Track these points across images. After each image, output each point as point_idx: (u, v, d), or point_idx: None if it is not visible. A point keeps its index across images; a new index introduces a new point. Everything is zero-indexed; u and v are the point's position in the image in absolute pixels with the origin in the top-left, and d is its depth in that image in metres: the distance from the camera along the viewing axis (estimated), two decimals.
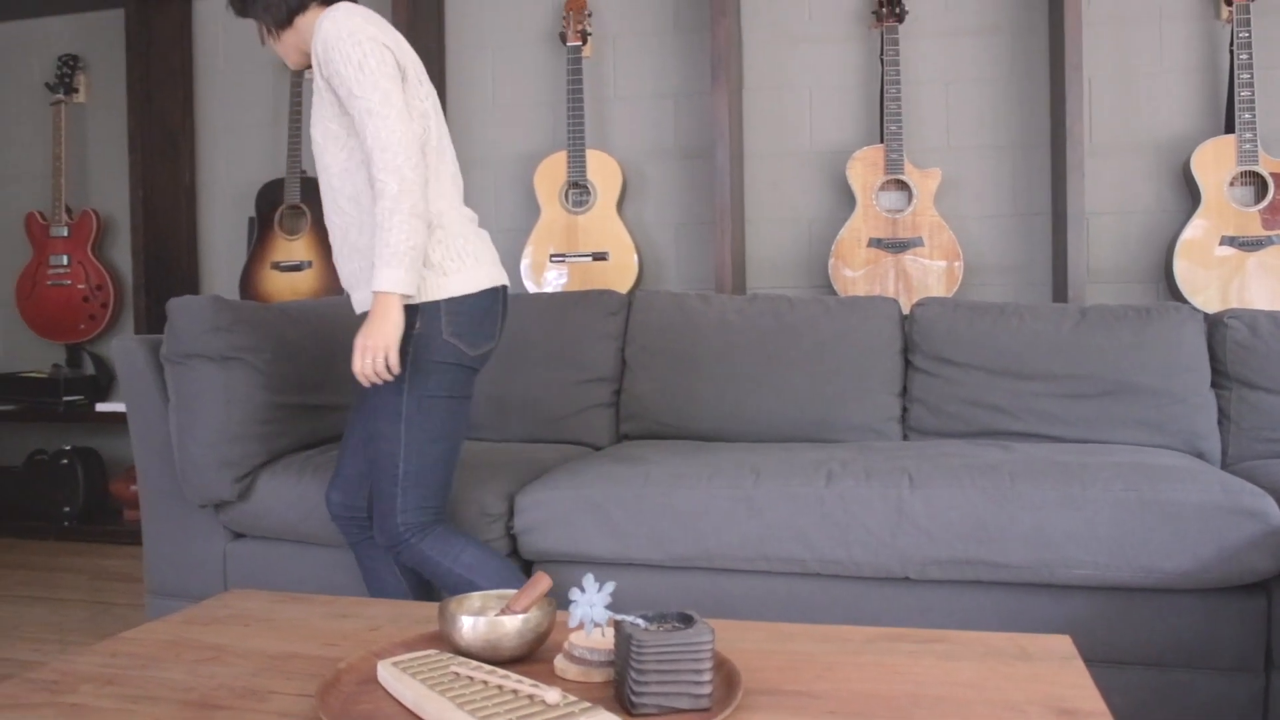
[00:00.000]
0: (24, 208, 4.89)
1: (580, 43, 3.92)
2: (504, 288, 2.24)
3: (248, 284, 4.20)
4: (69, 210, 4.70)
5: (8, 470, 4.69)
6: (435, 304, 2.13)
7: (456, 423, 2.22)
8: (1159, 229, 3.65)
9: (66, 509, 4.55)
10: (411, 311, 2.12)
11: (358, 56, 2.03)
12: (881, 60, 3.69)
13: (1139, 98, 3.65)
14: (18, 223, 4.90)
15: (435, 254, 2.14)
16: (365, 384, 2.09)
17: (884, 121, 3.66)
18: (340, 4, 2.12)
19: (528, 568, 2.56)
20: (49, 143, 4.85)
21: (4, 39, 4.96)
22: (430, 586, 2.40)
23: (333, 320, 3.05)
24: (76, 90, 4.76)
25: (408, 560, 2.22)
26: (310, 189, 4.19)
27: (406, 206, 2.00)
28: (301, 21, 2.20)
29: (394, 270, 2.01)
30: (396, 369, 2.07)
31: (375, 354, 2.03)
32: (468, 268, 2.15)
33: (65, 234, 4.65)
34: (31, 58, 4.92)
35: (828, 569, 2.31)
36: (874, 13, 3.76)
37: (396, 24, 3.97)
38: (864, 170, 3.68)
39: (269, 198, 4.24)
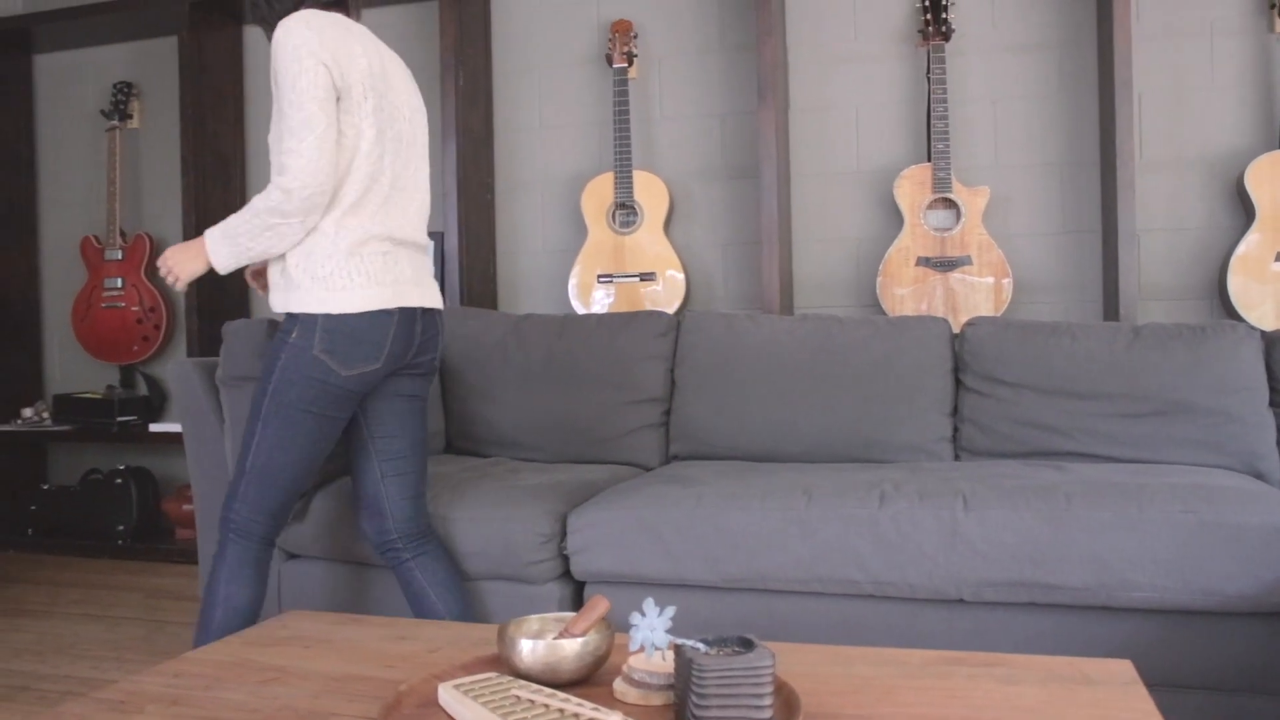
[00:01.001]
0: (79, 232, 4.97)
1: (626, 64, 3.95)
2: (402, 311, 2.23)
3: None
4: (123, 234, 4.78)
5: (64, 489, 4.76)
6: (313, 317, 2.17)
7: (314, 439, 2.25)
8: (1212, 245, 3.62)
9: (120, 528, 4.61)
10: (292, 320, 2.18)
11: (294, 73, 2.08)
12: (928, 78, 3.69)
13: (1190, 113, 3.63)
14: (73, 247, 4.99)
15: (325, 268, 2.16)
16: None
17: (931, 140, 3.65)
18: (302, 12, 2.14)
19: (579, 588, 2.56)
20: (104, 168, 4.93)
21: (61, 68, 5.05)
22: (470, 608, 2.42)
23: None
24: (131, 116, 4.84)
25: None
26: None
27: (272, 219, 2.11)
28: None
29: (223, 243, 2.18)
30: (180, 289, 2.31)
31: (170, 273, 2.26)
32: (356, 287, 2.17)
33: (119, 257, 4.72)
34: (87, 86, 5.01)
35: (881, 590, 2.30)
36: (920, 31, 3.75)
37: (443, 48, 4.01)
38: (911, 189, 3.67)
39: None
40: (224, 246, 2.19)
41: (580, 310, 3.93)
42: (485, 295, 4.22)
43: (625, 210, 3.94)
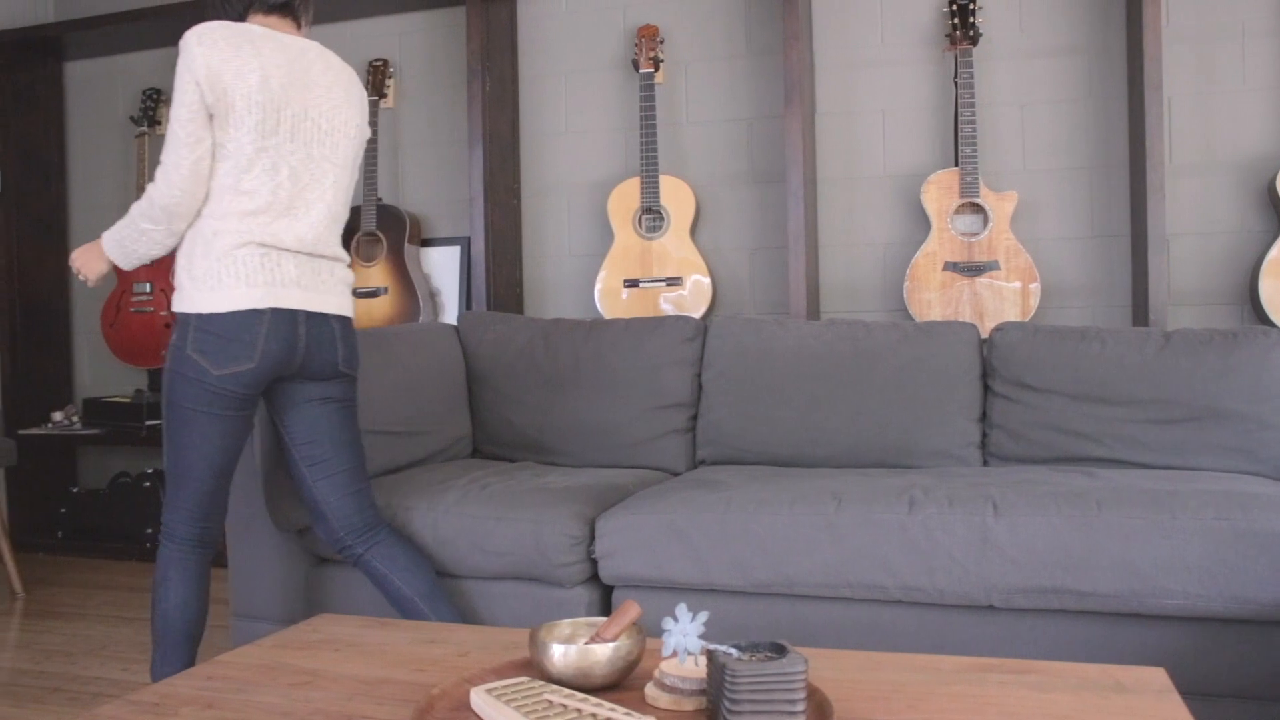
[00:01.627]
0: None
1: (653, 69, 3.95)
2: (275, 311, 2.27)
3: None
4: None
5: (93, 493, 4.79)
6: (187, 317, 2.27)
7: (209, 439, 2.31)
8: (1243, 250, 3.59)
9: (149, 530, 4.64)
10: (175, 322, 2.31)
11: (177, 89, 2.23)
12: (955, 83, 3.68)
13: (1221, 116, 3.60)
14: None
15: (200, 269, 2.26)
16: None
17: (959, 145, 3.64)
18: (206, 25, 2.26)
19: (608, 592, 2.57)
20: (133, 173, 4.97)
21: (91, 75, 5.10)
22: (437, 586, 2.49)
23: (413, 347, 3.09)
24: (159, 123, 4.88)
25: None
26: (386, 217, 4.25)
27: (143, 223, 2.29)
28: None
29: (114, 245, 2.37)
30: (91, 284, 2.47)
31: (80, 271, 2.45)
32: (226, 287, 2.23)
33: (148, 262, 4.75)
34: (117, 92, 5.06)
35: (910, 596, 2.29)
36: (947, 36, 3.74)
37: (470, 53, 4.02)
38: (939, 194, 3.66)
39: (345, 225, 4.31)
40: (115, 248, 2.37)
41: (606, 315, 3.94)
42: (511, 300, 4.23)
43: (651, 215, 3.95)
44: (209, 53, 2.21)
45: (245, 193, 2.26)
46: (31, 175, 4.98)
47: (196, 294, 2.25)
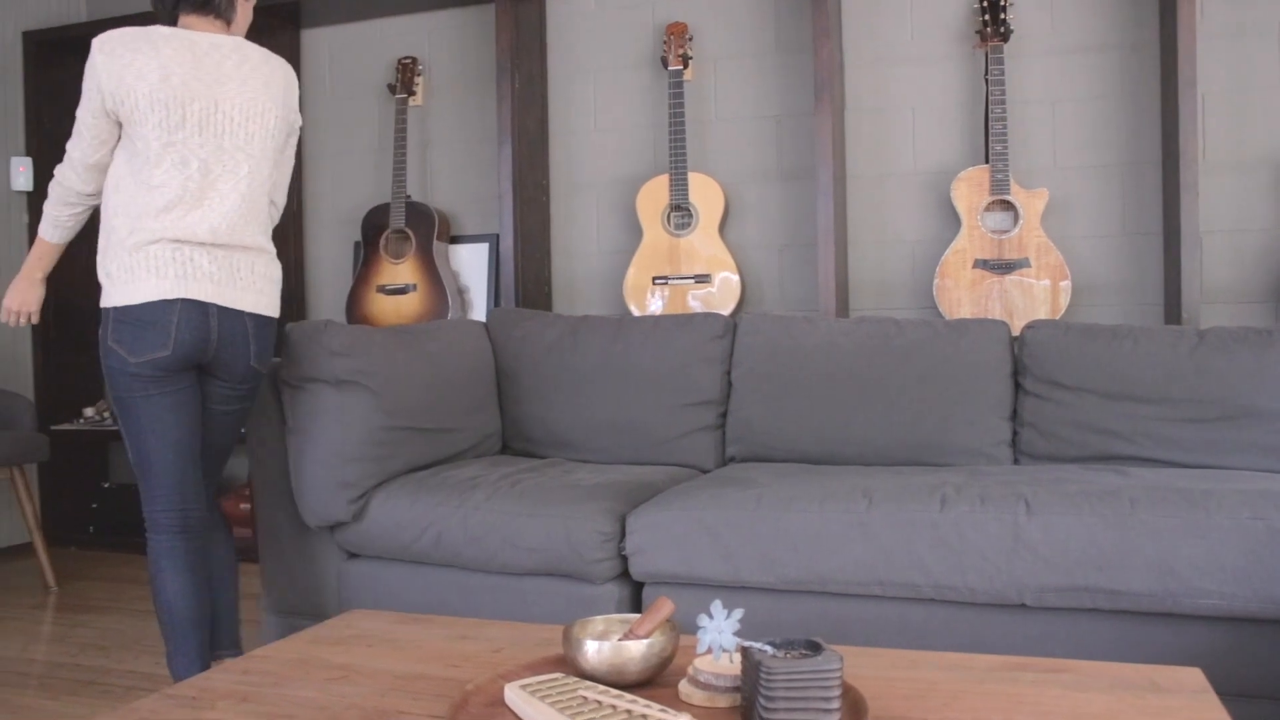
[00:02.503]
0: None
1: (682, 66, 3.95)
2: (185, 302, 2.37)
3: (353, 307, 4.28)
4: None
5: (124, 488, 4.83)
6: (106, 311, 2.41)
7: (154, 422, 2.42)
8: (1277, 247, 3.56)
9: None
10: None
11: (84, 89, 2.39)
12: (986, 80, 3.66)
13: (1256, 113, 3.57)
14: None
15: (111, 265, 2.41)
16: None
17: (989, 142, 3.62)
18: (107, 32, 2.40)
19: (638, 589, 2.57)
20: None
21: None
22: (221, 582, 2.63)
23: (443, 344, 3.10)
24: None
25: None
26: (414, 214, 4.26)
27: (47, 202, 2.54)
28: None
29: (48, 226, 2.56)
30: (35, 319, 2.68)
31: (16, 309, 2.66)
32: (137, 280, 2.36)
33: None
34: None
35: (942, 595, 2.28)
36: (978, 32, 3.72)
37: (499, 50, 4.03)
38: (969, 191, 3.65)
39: (374, 222, 4.33)
40: (45, 223, 2.56)
41: (634, 312, 3.94)
42: (539, 297, 4.23)
43: (680, 212, 3.95)
44: (108, 60, 2.36)
45: (156, 187, 2.37)
46: None
47: (113, 289, 2.38)
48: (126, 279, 2.36)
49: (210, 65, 2.42)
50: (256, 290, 2.48)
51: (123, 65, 2.35)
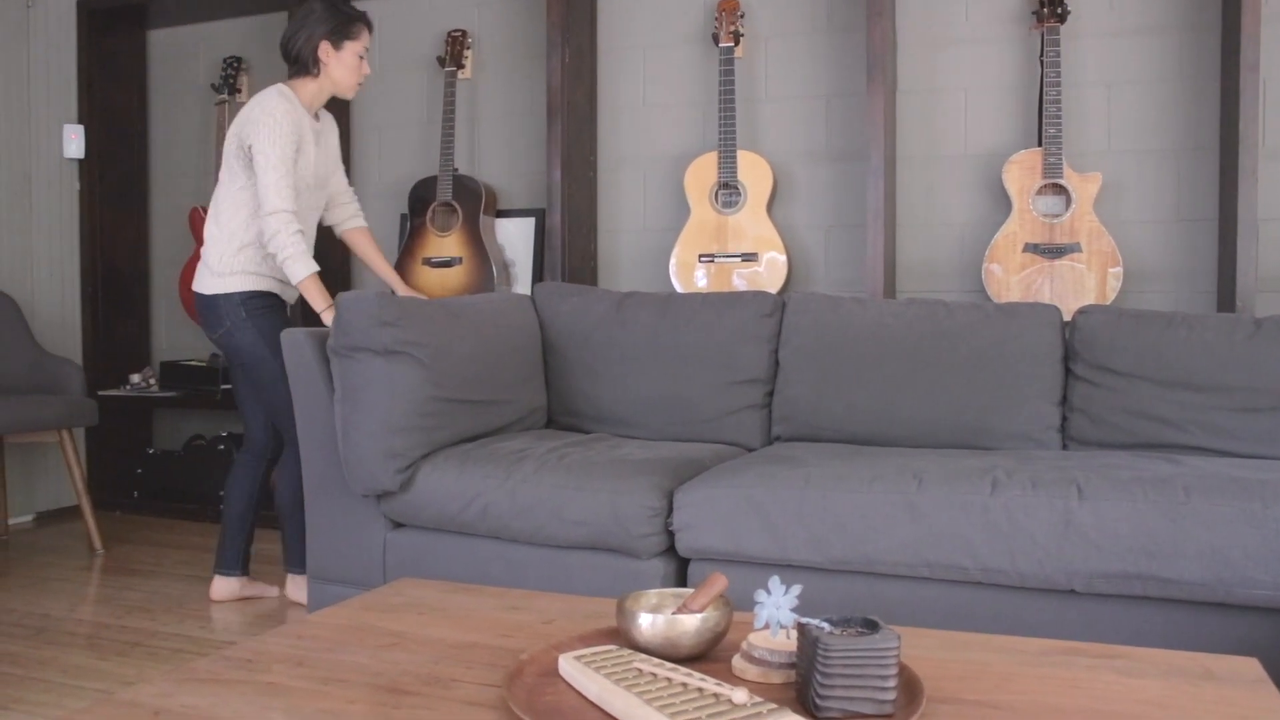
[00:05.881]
0: (188, 203, 5.08)
1: (733, 43, 3.92)
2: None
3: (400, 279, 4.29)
4: None
5: (169, 454, 4.88)
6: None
7: None
8: None
9: (222, 493, 4.70)
10: None
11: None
12: (1041, 62, 3.62)
13: None
14: (182, 217, 5.10)
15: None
16: None
17: (1043, 124, 3.58)
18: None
19: (683, 565, 2.57)
20: (212, 141, 5.03)
21: (174, 42, 5.17)
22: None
23: (490, 316, 3.10)
24: (239, 90, 4.93)
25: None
26: (461, 188, 4.27)
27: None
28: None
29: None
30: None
31: None
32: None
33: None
34: (198, 60, 5.12)
35: (990, 578, 2.27)
36: (1034, 13, 3.68)
37: (550, 25, 4.02)
38: (1021, 174, 3.61)
39: (421, 195, 4.34)
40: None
41: (680, 290, 3.93)
42: (585, 272, 4.23)
43: (728, 190, 3.93)
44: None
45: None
46: (114, 142, 5.07)
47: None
48: None
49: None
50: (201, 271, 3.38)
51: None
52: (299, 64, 3.30)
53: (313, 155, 3.32)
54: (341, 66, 3.30)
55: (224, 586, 3.45)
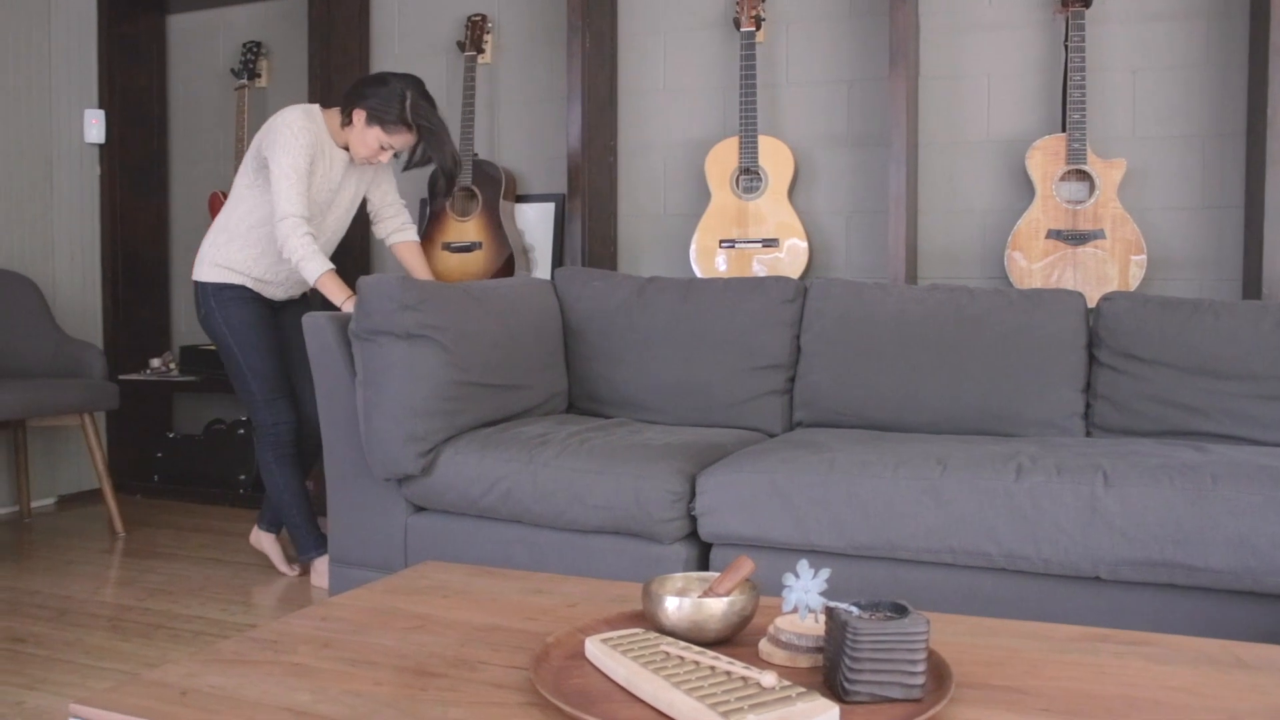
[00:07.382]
0: (208, 188, 5.09)
1: (754, 28, 3.90)
2: None
3: None
4: None
5: (189, 439, 4.90)
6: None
7: None
8: None
9: (242, 476, 4.73)
10: None
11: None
12: (1065, 46, 3.59)
13: None
14: (202, 202, 5.11)
15: None
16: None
17: (1066, 110, 3.55)
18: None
19: (706, 550, 2.57)
20: (232, 126, 5.04)
21: (193, 27, 5.17)
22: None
23: (511, 301, 3.10)
24: (259, 75, 4.93)
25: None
26: (481, 173, 4.26)
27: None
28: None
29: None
30: None
31: None
32: None
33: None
34: (218, 45, 5.12)
35: (1014, 565, 2.26)
36: None
37: (570, 9, 4.01)
38: (1044, 160, 3.58)
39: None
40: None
41: (700, 275, 3.92)
42: (605, 257, 4.22)
43: (749, 175, 3.91)
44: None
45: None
46: (134, 126, 5.07)
47: None
48: None
49: None
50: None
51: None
52: (344, 102, 3.37)
53: (330, 176, 3.39)
54: (359, 139, 3.34)
55: (320, 566, 3.48)
